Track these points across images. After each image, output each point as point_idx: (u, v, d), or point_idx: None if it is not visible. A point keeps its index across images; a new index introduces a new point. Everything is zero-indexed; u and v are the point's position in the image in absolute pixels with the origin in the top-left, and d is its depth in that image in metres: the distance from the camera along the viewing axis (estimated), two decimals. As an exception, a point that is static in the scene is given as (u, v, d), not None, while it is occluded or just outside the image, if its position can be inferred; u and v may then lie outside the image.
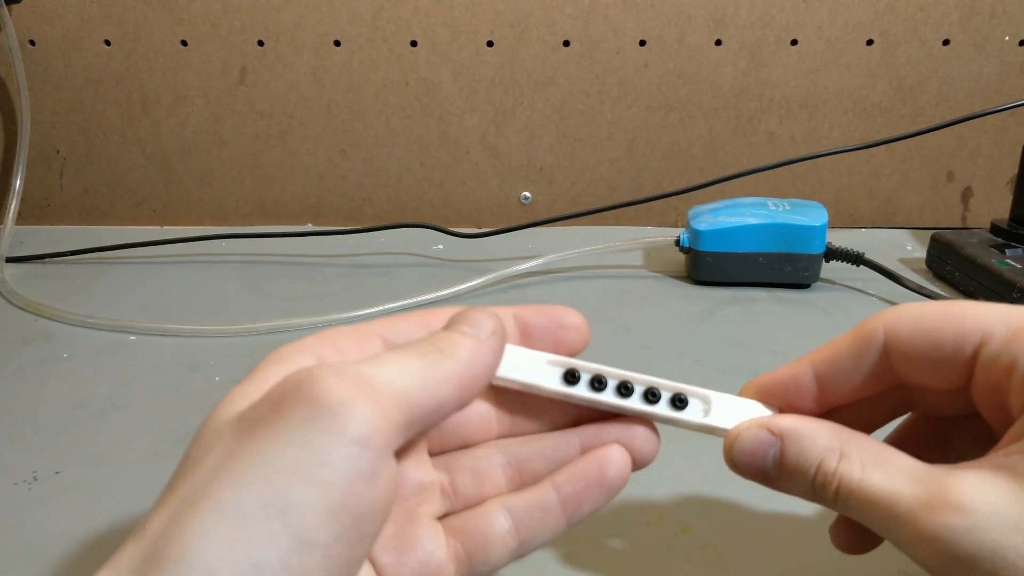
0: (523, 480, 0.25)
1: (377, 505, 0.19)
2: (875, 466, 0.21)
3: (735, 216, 0.58)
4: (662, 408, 0.25)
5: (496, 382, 0.24)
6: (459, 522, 0.24)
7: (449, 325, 0.23)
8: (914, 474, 0.21)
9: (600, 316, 0.54)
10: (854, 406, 0.25)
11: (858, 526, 0.24)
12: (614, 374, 0.25)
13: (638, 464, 0.25)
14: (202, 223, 0.75)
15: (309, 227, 0.75)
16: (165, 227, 0.75)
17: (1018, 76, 0.68)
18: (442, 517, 0.25)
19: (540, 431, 0.26)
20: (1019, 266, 0.54)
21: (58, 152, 0.73)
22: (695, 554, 0.32)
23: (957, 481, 0.20)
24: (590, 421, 0.25)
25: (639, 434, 0.25)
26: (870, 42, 0.67)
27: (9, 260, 0.64)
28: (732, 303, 0.57)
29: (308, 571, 0.17)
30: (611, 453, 0.24)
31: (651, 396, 0.25)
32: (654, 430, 0.25)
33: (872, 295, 0.58)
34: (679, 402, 0.25)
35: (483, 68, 0.69)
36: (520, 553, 0.24)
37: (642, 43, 0.68)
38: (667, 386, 0.25)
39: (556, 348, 0.25)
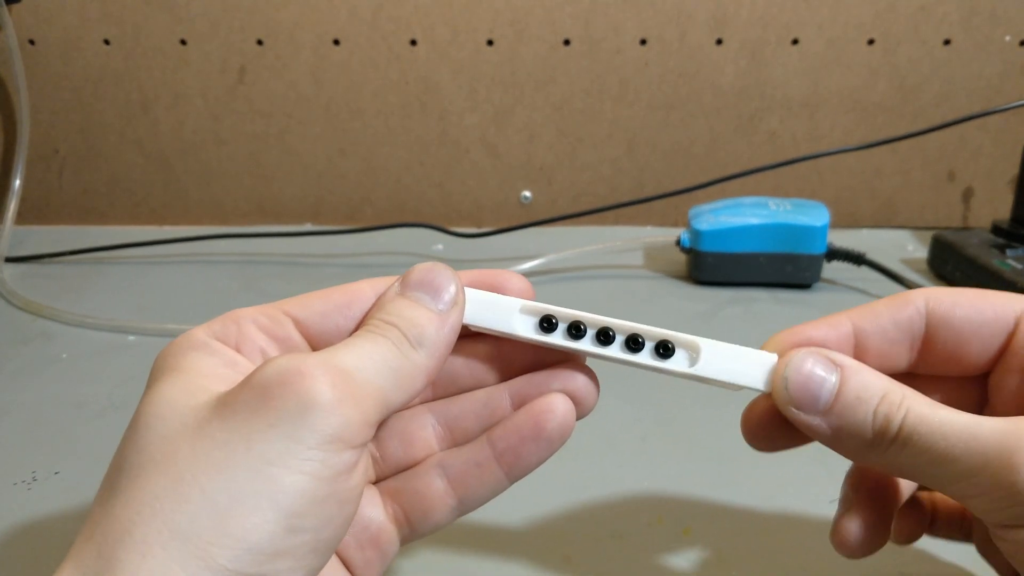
0: (454, 439, 0.25)
1: (356, 491, 0.20)
2: (940, 406, 0.20)
3: (736, 216, 0.57)
4: (645, 357, 0.23)
5: (469, 328, 0.23)
6: (395, 484, 0.24)
7: (405, 288, 0.22)
8: (985, 417, 0.19)
9: (600, 316, 0.54)
10: None
11: (871, 522, 0.23)
12: (593, 320, 0.23)
13: (577, 413, 0.24)
14: (201, 223, 0.75)
15: (308, 227, 0.75)
16: (164, 227, 0.75)
17: (1019, 76, 0.68)
18: (376, 483, 0.24)
19: (470, 389, 0.25)
20: (1020, 266, 0.54)
21: (57, 152, 0.73)
22: (696, 555, 0.32)
23: None
24: (520, 374, 0.24)
25: (577, 383, 0.24)
26: (871, 42, 0.67)
27: (8, 260, 0.64)
28: (733, 303, 0.56)
29: (298, 555, 0.18)
30: (549, 403, 0.23)
31: (633, 344, 0.23)
32: (592, 377, 0.24)
33: (874, 295, 0.58)
34: (664, 350, 0.23)
35: (483, 67, 0.69)
36: (462, 511, 0.24)
37: (643, 42, 0.68)
38: (651, 333, 0.23)
39: None
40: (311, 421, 0.18)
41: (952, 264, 0.59)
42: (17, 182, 0.67)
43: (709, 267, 0.59)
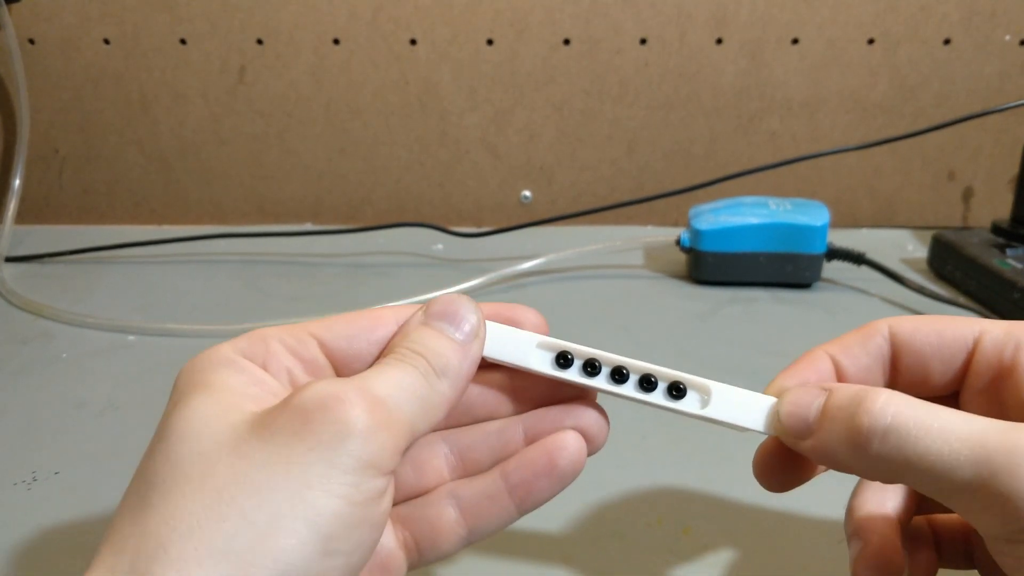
0: (465, 469, 0.25)
1: (385, 516, 0.20)
2: (941, 408, 0.20)
3: (736, 216, 0.57)
4: (658, 397, 0.24)
5: (486, 360, 0.24)
6: (406, 511, 0.24)
7: (429, 318, 0.23)
8: (986, 419, 0.19)
9: (600, 316, 0.54)
10: None
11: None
12: (608, 359, 0.24)
13: (588, 450, 0.24)
14: (201, 222, 0.75)
15: (308, 226, 0.75)
16: (164, 226, 0.75)
17: (1019, 76, 0.68)
18: None
19: (483, 419, 0.25)
20: (1020, 266, 0.54)
21: (57, 151, 0.73)
22: (696, 555, 0.32)
23: None
24: (535, 408, 0.25)
25: (588, 419, 0.24)
26: (871, 41, 0.67)
27: (8, 260, 0.64)
28: (733, 303, 0.56)
29: None
30: (562, 440, 0.24)
31: (646, 384, 0.24)
32: (603, 414, 0.24)
33: (873, 295, 0.58)
34: (676, 391, 0.24)
35: (483, 67, 0.69)
36: (471, 540, 0.24)
37: (643, 42, 0.68)
38: (664, 374, 0.24)
39: None
40: (349, 447, 0.19)
41: (952, 264, 0.59)
42: (17, 182, 0.67)
43: (709, 267, 0.59)
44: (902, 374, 0.24)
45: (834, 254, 0.58)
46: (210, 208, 0.75)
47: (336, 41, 0.68)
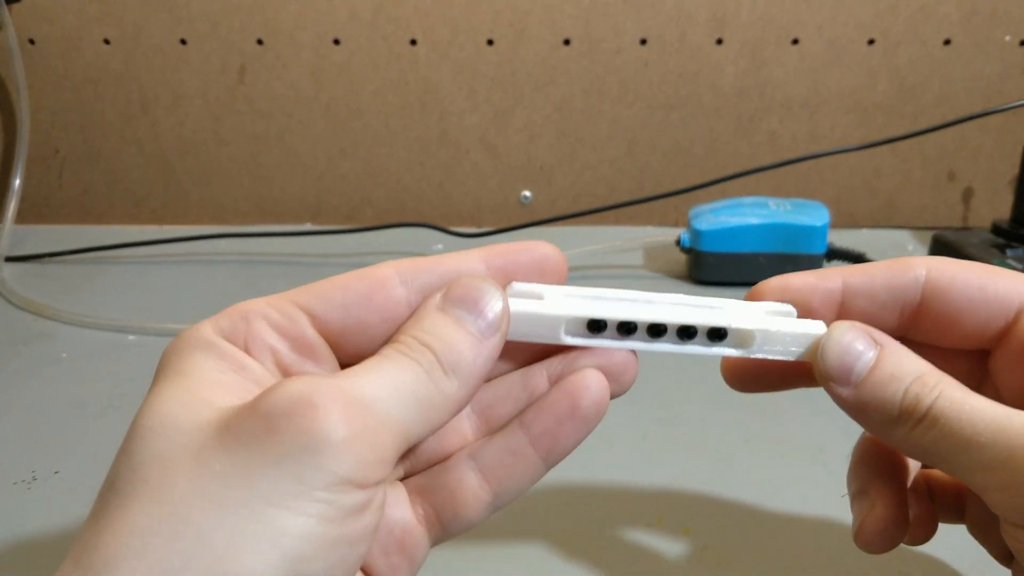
0: (490, 427, 0.23)
1: (369, 528, 0.18)
2: (973, 394, 0.20)
3: (736, 216, 0.57)
4: (696, 347, 0.22)
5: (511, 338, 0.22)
6: (424, 480, 0.22)
7: (447, 303, 0.20)
8: (1020, 413, 0.19)
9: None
10: None
11: (892, 514, 0.23)
12: (643, 318, 0.22)
13: (616, 390, 0.22)
14: (201, 222, 0.75)
15: (308, 227, 0.75)
16: (164, 226, 0.75)
17: (1019, 76, 0.68)
18: (404, 478, 0.23)
19: (505, 373, 0.23)
20: (1020, 266, 0.54)
21: (57, 151, 0.73)
22: (696, 555, 0.32)
23: None
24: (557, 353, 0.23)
25: (614, 357, 0.22)
26: (871, 42, 0.67)
27: (8, 259, 0.64)
28: (733, 303, 0.56)
29: None
30: (584, 379, 0.22)
31: (685, 336, 0.22)
32: (630, 351, 0.22)
33: (873, 295, 0.58)
34: (716, 337, 0.22)
35: (483, 67, 0.69)
36: (497, 505, 0.22)
37: (643, 42, 0.68)
38: (703, 323, 0.22)
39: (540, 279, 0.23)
40: (319, 460, 0.16)
41: (952, 264, 0.59)
42: (17, 182, 0.67)
43: (709, 267, 0.59)
44: (926, 322, 0.23)
45: (834, 254, 0.58)
46: (210, 208, 0.75)
47: (336, 41, 0.68)
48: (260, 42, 0.68)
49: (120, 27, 0.68)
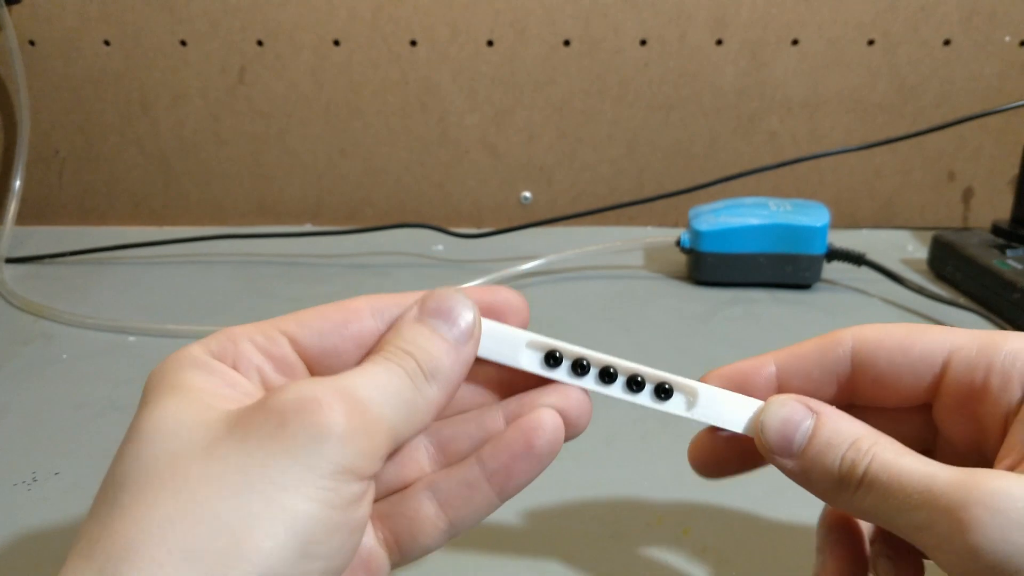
0: (447, 460, 0.24)
1: (363, 521, 0.20)
2: (907, 453, 0.20)
3: (736, 216, 0.57)
4: (645, 398, 0.24)
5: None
6: (385, 507, 0.23)
7: (423, 315, 0.22)
8: (947, 467, 0.19)
9: (600, 317, 0.54)
10: None
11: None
12: (596, 359, 0.24)
13: (570, 432, 0.23)
14: (201, 223, 0.75)
15: (308, 227, 0.75)
16: (164, 227, 0.75)
17: (1019, 76, 0.68)
18: None
19: (467, 409, 0.25)
20: (1020, 266, 0.54)
21: (57, 152, 0.73)
22: (696, 556, 0.32)
23: (994, 477, 0.18)
24: (516, 394, 0.24)
25: (568, 399, 0.23)
26: (871, 42, 0.67)
27: (8, 261, 0.64)
28: (733, 304, 0.56)
29: None
30: (539, 418, 0.23)
31: (634, 385, 0.24)
32: (585, 393, 0.24)
33: (873, 296, 0.58)
34: (663, 392, 0.24)
35: (483, 67, 0.69)
36: (453, 533, 0.23)
37: (643, 42, 0.68)
38: (651, 375, 0.24)
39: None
40: (325, 451, 0.18)
41: (952, 264, 0.59)
42: (17, 183, 0.68)
43: (709, 267, 0.59)
44: (863, 389, 0.24)
45: (834, 255, 0.58)
46: (210, 209, 0.75)
47: (336, 42, 0.68)
48: (260, 43, 0.68)
49: (120, 28, 0.68)
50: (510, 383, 0.24)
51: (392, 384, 0.20)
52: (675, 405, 0.24)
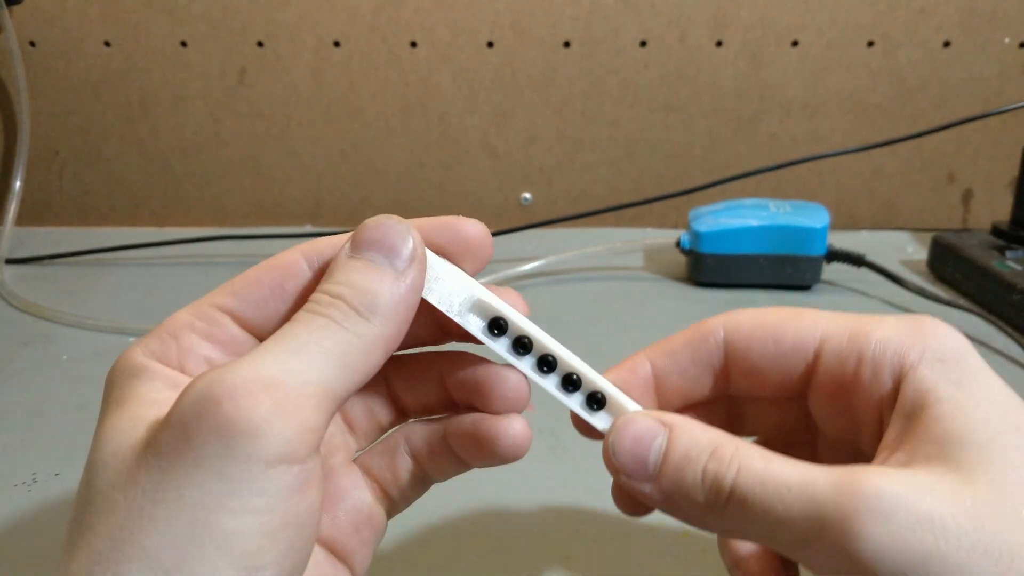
0: (413, 408, 0.24)
1: (315, 506, 0.18)
2: (776, 458, 0.18)
3: (736, 218, 0.58)
4: (572, 401, 0.22)
5: None
6: (367, 460, 0.23)
7: (356, 249, 0.20)
8: (823, 469, 0.17)
9: (600, 318, 0.54)
10: (687, 414, 0.22)
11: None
12: (539, 344, 0.22)
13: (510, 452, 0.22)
14: (201, 224, 0.75)
15: (308, 228, 0.75)
16: (164, 228, 0.75)
17: (1018, 78, 0.68)
18: (356, 459, 0.24)
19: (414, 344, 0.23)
20: (1019, 268, 0.54)
21: (58, 153, 0.73)
22: (695, 558, 0.32)
23: (876, 475, 0.17)
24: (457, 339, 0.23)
25: (512, 434, 0.22)
26: (871, 44, 0.67)
27: (8, 262, 0.64)
28: (733, 305, 0.57)
29: None
30: (499, 430, 0.22)
31: (568, 384, 0.22)
32: (527, 432, 0.22)
33: (873, 297, 0.58)
34: (594, 403, 0.22)
35: (483, 69, 0.69)
36: (434, 481, 0.24)
37: (643, 44, 0.68)
38: (590, 381, 0.22)
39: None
40: (239, 451, 0.16)
41: (952, 265, 0.59)
42: (17, 184, 0.68)
43: (709, 269, 0.59)
44: (737, 379, 0.23)
45: (834, 256, 0.58)
46: (210, 210, 0.75)
47: (336, 43, 0.68)
48: (260, 44, 0.69)
49: (120, 29, 0.68)
50: (447, 325, 0.23)
51: (315, 340, 0.18)
52: (601, 419, 0.22)
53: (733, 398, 0.24)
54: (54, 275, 0.64)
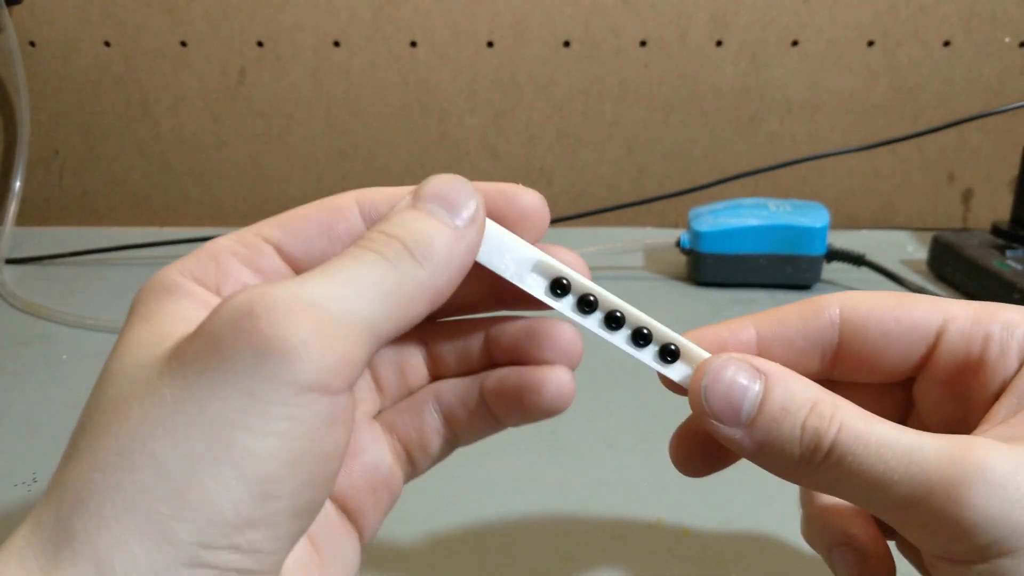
0: (449, 366, 0.23)
1: (340, 444, 0.17)
2: (877, 420, 0.18)
3: (736, 217, 0.58)
4: (645, 355, 0.22)
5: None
6: (392, 417, 0.22)
7: (418, 201, 0.19)
8: (930, 436, 0.17)
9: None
10: None
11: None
12: (606, 301, 0.22)
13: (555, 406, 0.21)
14: (201, 224, 0.75)
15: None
16: (164, 228, 0.75)
17: (1018, 77, 0.68)
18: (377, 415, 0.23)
19: (457, 309, 0.23)
20: (1020, 267, 0.54)
21: (57, 153, 0.73)
22: (695, 557, 0.32)
23: (988, 448, 0.17)
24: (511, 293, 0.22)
25: (558, 384, 0.21)
26: (871, 43, 0.67)
27: (8, 262, 0.64)
28: (733, 305, 0.57)
29: (274, 523, 0.16)
30: (542, 379, 0.21)
31: (639, 339, 0.22)
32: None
33: (873, 296, 0.58)
34: (668, 355, 0.21)
35: (483, 69, 0.69)
36: (459, 444, 0.22)
37: (643, 44, 0.68)
38: (662, 334, 0.22)
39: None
40: (273, 371, 0.15)
41: (952, 265, 0.59)
42: (17, 184, 0.68)
43: (709, 268, 0.59)
44: (847, 362, 0.22)
45: (834, 255, 0.58)
46: (210, 210, 0.75)
47: (336, 43, 0.68)
48: (260, 44, 0.69)
49: (120, 29, 0.68)
50: (504, 288, 0.22)
51: (363, 273, 0.17)
52: (678, 370, 0.21)
53: (830, 383, 0.22)
54: (54, 275, 0.64)
